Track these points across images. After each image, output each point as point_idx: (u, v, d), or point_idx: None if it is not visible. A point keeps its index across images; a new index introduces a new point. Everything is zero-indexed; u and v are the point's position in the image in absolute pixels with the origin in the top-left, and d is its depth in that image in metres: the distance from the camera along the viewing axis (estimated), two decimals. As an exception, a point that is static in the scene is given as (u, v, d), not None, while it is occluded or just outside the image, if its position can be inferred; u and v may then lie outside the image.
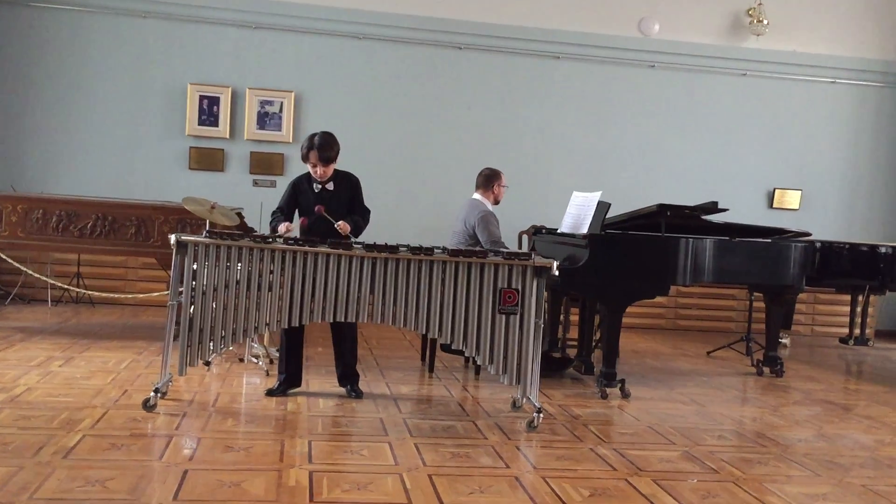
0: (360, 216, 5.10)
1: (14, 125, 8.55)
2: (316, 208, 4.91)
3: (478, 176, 6.26)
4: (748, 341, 7.61)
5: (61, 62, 8.60)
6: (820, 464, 4.26)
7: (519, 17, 9.23)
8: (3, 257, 6.67)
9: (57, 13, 8.55)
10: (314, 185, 5.05)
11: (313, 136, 4.99)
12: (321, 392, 5.17)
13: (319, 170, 4.97)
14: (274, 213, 5.12)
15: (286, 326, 4.62)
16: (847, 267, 7.09)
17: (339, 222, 4.92)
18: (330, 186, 5.06)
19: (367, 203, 5.21)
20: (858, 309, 8.68)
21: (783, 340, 8.25)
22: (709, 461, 4.18)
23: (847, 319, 8.90)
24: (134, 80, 8.71)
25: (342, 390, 5.15)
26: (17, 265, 6.89)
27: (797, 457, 4.37)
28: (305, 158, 5.00)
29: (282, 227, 4.89)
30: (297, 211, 5.12)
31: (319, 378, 5.53)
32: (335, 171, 5.08)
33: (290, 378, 5.07)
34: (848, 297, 8.80)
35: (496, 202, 6.21)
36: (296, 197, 5.09)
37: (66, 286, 7.98)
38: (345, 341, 5.14)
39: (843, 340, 8.82)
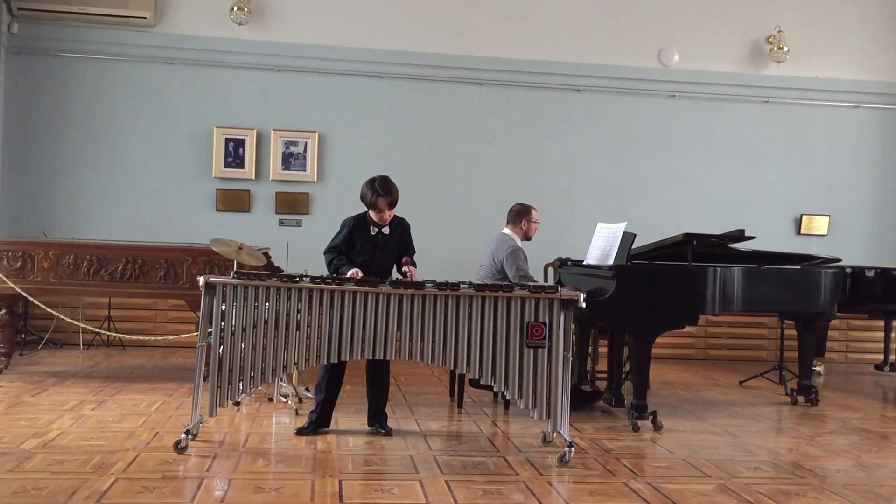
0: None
1: (45, 172, 8.70)
2: (404, 269, 4.92)
3: (508, 211, 6.27)
4: (781, 370, 7.49)
5: (90, 109, 8.77)
6: (860, 494, 4.17)
7: (538, 51, 9.29)
8: (36, 302, 6.76)
9: (85, 62, 8.74)
10: (370, 227, 5.08)
11: (374, 181, 5.01)
12: (351, 430, 5.16)
13: (387, 214, 5.04)
14: (331, 251, 5.08)
15: (314, 365, 4.65)
16: (879, 292, 7.01)
17: (407, 269, 4.89)
18: (385, 230, 5.11)
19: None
20: (893, 335, 8.54)
21: (817, 368, 8.12)
22: (746, 494, 4.11)
23: (881, 345, 8.75)
24: (160, 125, 8.86)
25: (371, 428, 5.14)
26: (49, 310, 6.97)
27: (836, 487, 4.29)
28: (374, 205, 4.99)
29: (351, 272, 4.85)
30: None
31: (349, 416, 5.52)
32: None
33: (321, 418, 5.07)
34: (881, 323, 8.66)
35: (526, 238, 6.19)
36: (351, 238, 5.08)
37: (97, 330, 8.07)
38: (381, 382, 5.15)
39: (879, 367, 8.65)
